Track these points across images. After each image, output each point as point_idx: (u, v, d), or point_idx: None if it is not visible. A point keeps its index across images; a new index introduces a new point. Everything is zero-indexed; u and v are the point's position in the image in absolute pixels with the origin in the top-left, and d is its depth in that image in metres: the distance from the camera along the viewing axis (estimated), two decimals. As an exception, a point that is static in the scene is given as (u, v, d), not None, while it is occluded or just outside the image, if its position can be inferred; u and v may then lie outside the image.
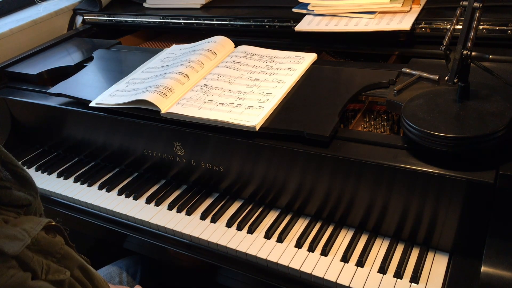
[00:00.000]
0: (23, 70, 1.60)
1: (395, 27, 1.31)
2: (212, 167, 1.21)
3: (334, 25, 1.41)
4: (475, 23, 0.89)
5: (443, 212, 0.94)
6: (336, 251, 1.04)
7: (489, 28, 1.23)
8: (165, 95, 1.20)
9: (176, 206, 1.24)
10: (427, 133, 0.90)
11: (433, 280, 0.95)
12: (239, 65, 1.32)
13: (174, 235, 1.19)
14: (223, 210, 1.20)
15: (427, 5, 1.40)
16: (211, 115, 1.13)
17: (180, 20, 1.75)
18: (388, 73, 1.19)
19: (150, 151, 1.30)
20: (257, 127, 1.07)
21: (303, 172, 1.07)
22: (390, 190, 0.98)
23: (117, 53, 1.62)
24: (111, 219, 1.29)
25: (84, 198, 1.34)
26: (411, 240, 1.03)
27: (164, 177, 1.35)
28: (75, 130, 1.45)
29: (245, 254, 1.08)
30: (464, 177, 0.88)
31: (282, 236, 1.09)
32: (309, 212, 1.14)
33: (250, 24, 1.59)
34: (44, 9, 2.00)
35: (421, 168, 0.92)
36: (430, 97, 1.01)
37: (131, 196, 1.31)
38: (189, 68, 1.30)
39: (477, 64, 0.93)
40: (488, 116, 0.91)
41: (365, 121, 1.21)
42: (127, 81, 1.37)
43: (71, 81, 1.46)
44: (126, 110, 1.25)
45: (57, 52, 1.74)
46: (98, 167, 1.46)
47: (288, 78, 1.22)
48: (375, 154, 0.98)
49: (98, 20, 1.95)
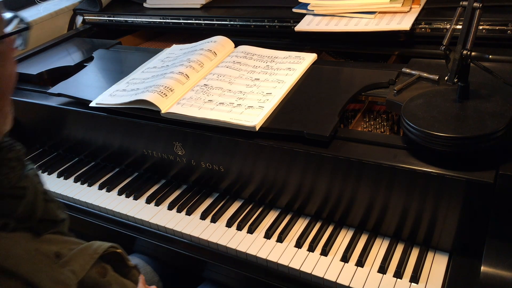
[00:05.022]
0: (23, 70, 1.60)
1: (395, 27, 1.31)
2: (212, 167, 1.21)
3: (334, 25, 1.41)
4: (475, 23, 0.89)
5: (443, 212, 0.94)
6: (336, 251, 1.04)
7: (489, 28, 1.23)
8: (165, 95, 1.20)
9: (176, 206, 1.24)
10: (427, 133, 0.90)
11: (433, 280, 0.95)
12: (239, 65, 1.32)
13: (174, 235, 1.19)
14: (223, 210, 1.20)
15: (427, 5, 1.40)
16: (211, 115, 1.13)
17: (180, 20, 1.75)
18: (388, 73, 1.19)
19: (150, 151, 1.30)
20: (257, 127, 1.07)
21: (303, 172, 1.07)
22: (390, 190, 0.98)
23: (117, 53, 1.62)
24: (111, 219, 1.29)
25: (84, 198, 1.34)
26: (411, 240, 1.03)
27: (164, 177, 1.35)
28: (75, 130, 1.45)
29: (245, 254, 1.08)
30: (464, 177, 0.88)
31: (282, 236, 1.09)
32: (309, 212, 1.14)
33: (250, 24, 1.59)
34: (44, 9, 2.00)
35: (421, 168, 0.92)
36: (430, 97, 1.01)
37: (131, 196, 1.31)
38: (189, 68, 1.30)
39: (477, 64, 0.93)
40: (488, 116, 0.91)
41: (365, 121, 1.21)
42: (127, 81, 1.37)
43: (71, 81, 1.46)
44: (126, 110, 1.25)
45: (57, 52, 1.74)
46: (98, 167, 1.46)
47: (288, 78, 1.22)
48: (375, 154, 0.98)
49: (98, 20, 1.95)
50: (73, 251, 0.68)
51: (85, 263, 0.68)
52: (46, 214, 0.70)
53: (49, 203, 0.72)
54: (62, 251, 0.66)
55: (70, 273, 0.64)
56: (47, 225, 0.71)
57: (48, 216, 0.71)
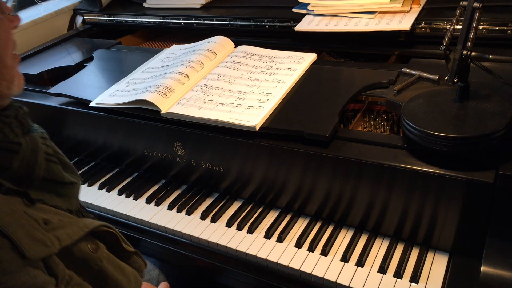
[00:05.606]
0: (23, 70, 1.57)
1: (395, 27, 1.31)
2: (212, 167, 1.21)
3: (334, 25, 1.41)
4: (475, 23, 0.89)
5: (443, 212, 0.94)
6: (336, 251, 1.04)
7: (489, 28, 1.23)
8: (165, 95, 1.20)
9: (176, 206, 1.24)
10: (427, 133, 0.90)
11: (433, 280, 0.95)
12: (239, 65, 1.32)
13: (174, 235, 1.19)
14: (223, 210, 1.20)
15: (427, 5, 1.40)
16: (211, 115, 1.13)
17: (180, 20, 1.75)
18: (388, 73, 1.19)
19: (150, 151, 1.30)
20: (257, 127, 1.07)
21: (303, 172, 1.07)
22: (390, 190, 0.98)
23: (117, 53, 1.62)
24: (111, 219, 1.29)
25: (84, 198, 1.34)
26: (411, 240, 1.03)
27: (164, 177, 1.35)
28: (75, 130, 1.45)
29: (245, 254, 1.08)
30: (464, 177, 0.88)
31: (282, 236, 1.09)
32: (309, 212, 1.14)
33: (250, 24, 1.59)
34: (44, 9, 2.00)
35: (421, 168, 0.92)
36: (430, 97, 1.01)
37: (131, 196, 1.31)
38: (189, 68, 1.30)
39: (477, 64, 0.93)
40: (488, 116, 0.91)
41: (365, 121, 1.21)
42: (127, 81, 1.37)
43: (71, 81, 1.46)
44: (126, 110, 1.25)
45: (57, 52, 1.74)
46: (98, 167, 1.46)
47: (288, 78, 1.22)
48: (375, 154, 0.98)
49: (98, 20, 1.95)
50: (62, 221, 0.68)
51: (73, 233, 0.68)
52: (50, 174, 0.71)
53: (52, 164, 0.72)
54: (52, 219, 0.66)
55: (54, 237, 0.64)
56: (51, 185, 0.71)
57: (52, 176, 0.71)
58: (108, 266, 0.73)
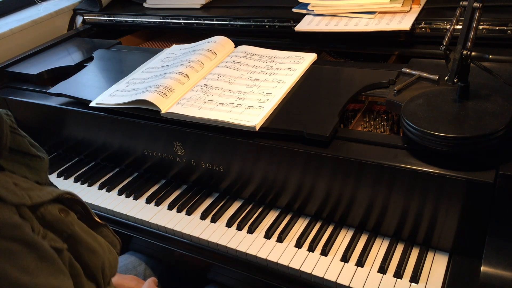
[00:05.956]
0: (23, 70, 1.60)
1: (395, 27, 1.31)
2: (212, 167, 1.21)
3: (334, 25, 1.41)
4: (475, 23, 0.89)
5: (443, 212, 0.94)
6: (336, 251, 1.04)
7: (489, 28, 1.23)
8: (165, 95, 1.20)
9: (176, 206, 1.24)
10: (427, 133, 0.90)
11: (433, 280, 0.95)
12: (239, 65, 1.32)
13: (174, 235, 1.19)
14: (223, 210, 1.20)
15: (427, 5, 1.40)
16: (211, 115, 1.13)
17: (180, 20, 1.75)
18: (388, 73, 1.19)
19: (150, 151, 1.30)
20: (257, 127, 1.07)
21: (303, 172, 1.07)
22: (390, 190, 0.98)
23: (117, 53, 1.62)
24: (111, 219, 1.29)
25: (84, 198, 1.34)
26: (411, 240, 1.03)
27: (164, 177, 1.35)
28: (75, 130, 1.45)
29: (245, 254, 1.08)
30: (464, 177, 0.88)
31: (282, 236, 1.09)
32: (309, 212, 1.14)
33: (250, 24, 1.59)
34: (44, 9, 2.00)
35: (421, 168, 0.92)
36: (430, 97, 1.01)
37: (131, 196, 1.31)
38: (189, 68, 1.30)
39: (477, 64, 0.93)
40: (488, 116, 0.91)
41: (365, 121, 1.21)
42: (127, 81, 1.37)
43: (71, 81, 1.46)
44: (126, 110, 1.25)
45: (57, 52, 1.74)
46: (98, 167, 1.46)
47: (288, 78, 1.22)
48: (375, 154, 0.98)
49: (98, 20, 1.95)
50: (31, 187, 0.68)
51: (42, 195, 0.67)
52: (16, 144, 0.71)
53: (17, 136, 0.72)
54: (21, 184, 0.66)
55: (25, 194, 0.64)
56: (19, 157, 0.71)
57: (19, 147, 0.71)
58: (81, 232, 0.73)
